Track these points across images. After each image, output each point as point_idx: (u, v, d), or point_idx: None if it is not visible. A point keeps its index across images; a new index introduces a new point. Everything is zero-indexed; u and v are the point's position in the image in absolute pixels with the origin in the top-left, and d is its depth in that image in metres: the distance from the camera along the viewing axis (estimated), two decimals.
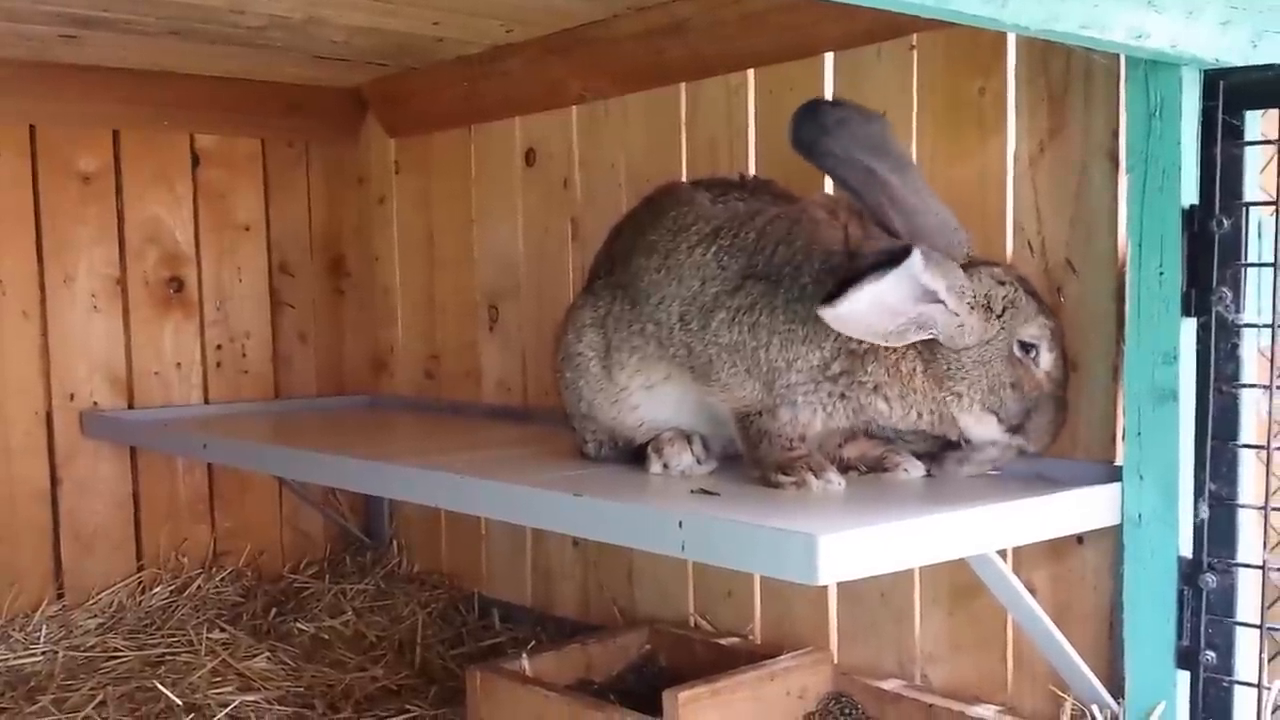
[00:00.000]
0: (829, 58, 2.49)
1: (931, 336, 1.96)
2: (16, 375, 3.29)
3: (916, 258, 1.83)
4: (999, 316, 1.99)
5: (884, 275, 1.83)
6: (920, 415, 2.04)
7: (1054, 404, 2.05)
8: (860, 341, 2.00)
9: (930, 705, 2.28)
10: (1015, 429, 2.03)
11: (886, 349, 2.00)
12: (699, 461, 2.23)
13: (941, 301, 1.92)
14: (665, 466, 2.23)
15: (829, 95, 2.49)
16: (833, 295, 1.85)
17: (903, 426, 2.09)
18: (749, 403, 2.12)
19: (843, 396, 2.05)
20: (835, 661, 2.49)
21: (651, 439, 2.28)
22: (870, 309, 1.86)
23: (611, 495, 1.99)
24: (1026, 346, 2.01)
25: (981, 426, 2.04)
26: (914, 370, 2.01)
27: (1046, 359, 2.03)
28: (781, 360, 2.05)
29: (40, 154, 3.31)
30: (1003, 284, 2.01)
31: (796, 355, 2.04)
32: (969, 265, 2.00)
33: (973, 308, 1.96)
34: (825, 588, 2.53)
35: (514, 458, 2.57)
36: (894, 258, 1.84)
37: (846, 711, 2.40)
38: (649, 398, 2.28)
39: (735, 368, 2.10)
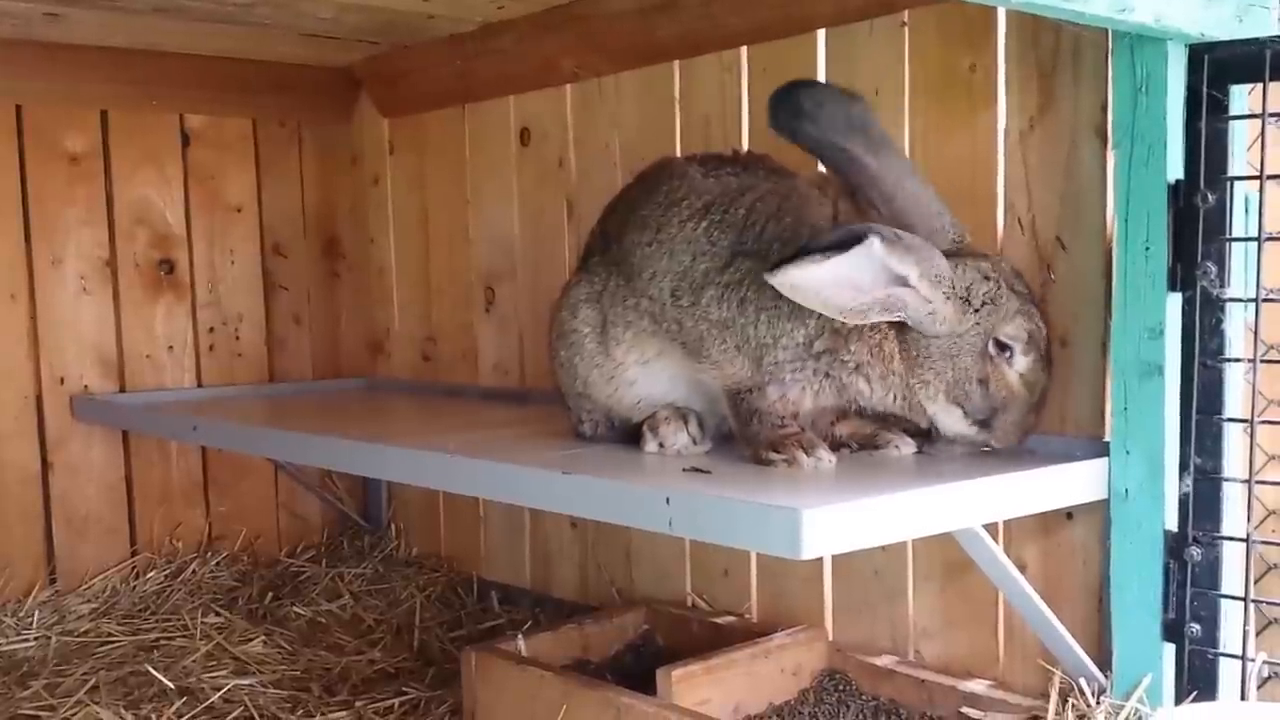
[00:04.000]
0: (821, 34, 2.49)
1: (899, 319, 1.95)
2: (5, 359, 3.28)
3: (874, 244, 1.82)
4: (976, 310, 1.96)
5: (833, 257, 1.82)
6: (895, 399, 2.03)
7: (1024, 406, 2.01)
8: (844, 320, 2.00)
9: (923, 680, 2.29)
10: (981, 424, 2.01)
11: (870, 329, 1.99)
12: (695, 441, 2.22)
13: (913, 286, 1.90)
14: (661, 445, 2.22)
15: (821, 72, 2.48)
16: (781, 263, 1.86)
17: (880, 409, 2.07)
18: (739, 380, 2.12)
19: (827, 375, 2.04)
20: (830, 638, 2.50)
21: (647, 417, 2.27)
22: (827, 285, 1.86)
23: (601, 473, 1.99)
24: (1002, 345, 1.98)
25: (947, 417, 2.02)
26: (893, 352, 2.00)
27: (1021, 361, 1.99)
28: (769, 337, 2.05)
29: (27, 134, 3.29)
30: (987, 279, 1.97)
31: (782, 332, 2.03)
32: (959, 254, 1.98)
33: (948, 297, 1.94)
34: (820, 566, 2.54)
35: (509, 438, 2.56)
36: (849, 241, 1.83)
37: (841, 688, 2.40)
38: (645, 373, 2.27)
39: (725, 344, 2.09)
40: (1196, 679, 1.93)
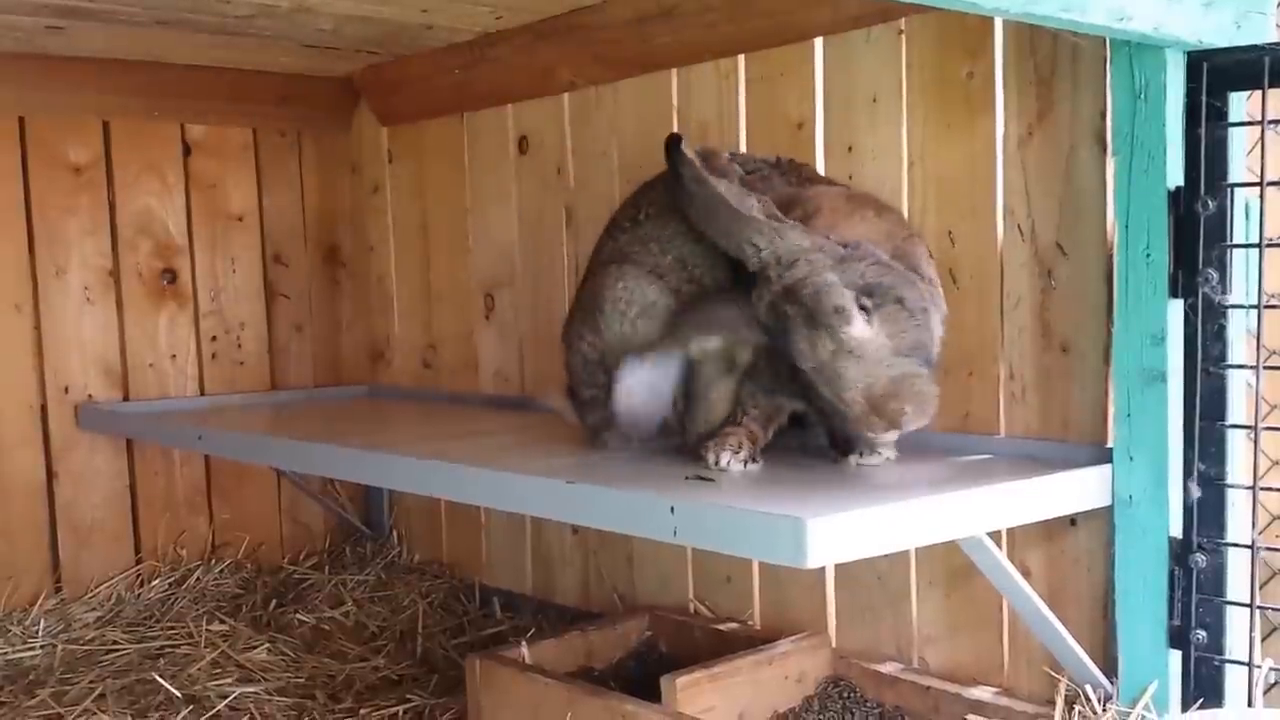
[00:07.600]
0: (818, 42, 2.49)
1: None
2: (10, 369, 3.28)
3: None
4: None
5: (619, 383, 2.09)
6: None
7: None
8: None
9: (928, 688, 2.29)
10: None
11: None
12: (754, 459, 2.12)
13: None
14: (719, 464, 2.12)
15: (819, 80, 2.49)
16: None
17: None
18: None
19: None
20: (834, 645, 2.49)
21: (712, 434, 2.17)
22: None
23: (604, 482, 1.99)
24: None
25: None
26: None
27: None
28: None
29: (30, 145, 3.29)
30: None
31: None
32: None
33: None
34: (823, 572, 2.54)
35: (511, 446, 2.57)
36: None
37: (845, 695, 2.40)
38: None
39: None
40: (1202, 686, 1.93)
